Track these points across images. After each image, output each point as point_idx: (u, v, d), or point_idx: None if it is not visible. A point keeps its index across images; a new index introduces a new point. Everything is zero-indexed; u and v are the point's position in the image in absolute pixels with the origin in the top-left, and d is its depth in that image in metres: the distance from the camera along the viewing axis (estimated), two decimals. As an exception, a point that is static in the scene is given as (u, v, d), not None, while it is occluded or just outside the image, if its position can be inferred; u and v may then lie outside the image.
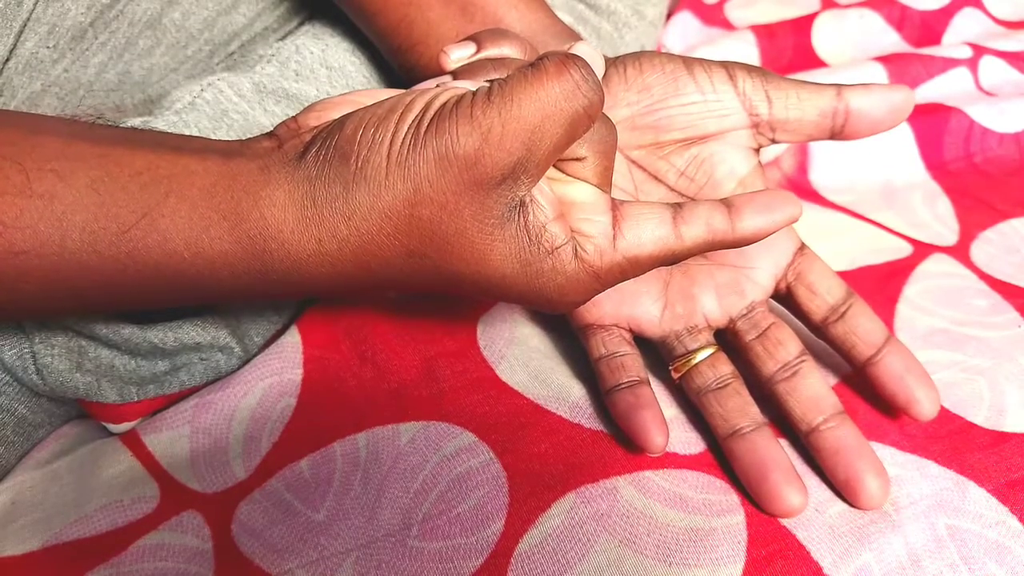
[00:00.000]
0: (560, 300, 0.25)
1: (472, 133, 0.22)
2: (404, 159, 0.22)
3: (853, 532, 0.27)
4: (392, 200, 0.23)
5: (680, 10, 0.59)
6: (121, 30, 0.36)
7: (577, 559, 0.26)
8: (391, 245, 0.23)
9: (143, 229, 0.22)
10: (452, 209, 0.23)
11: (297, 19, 0.43)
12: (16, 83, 0.33)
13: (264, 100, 0.36)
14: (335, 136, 0.23)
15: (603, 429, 0.30)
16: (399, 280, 0.25)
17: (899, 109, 0.29)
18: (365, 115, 0.23)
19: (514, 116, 0.22)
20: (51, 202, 0.22)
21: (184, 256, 0.23)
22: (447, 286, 0.25)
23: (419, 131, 0.22)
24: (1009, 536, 0.27)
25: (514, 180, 0.23)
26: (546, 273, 0.24)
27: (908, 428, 0.30)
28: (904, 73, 0.49)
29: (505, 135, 0.22)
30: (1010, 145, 0.46)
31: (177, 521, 0.28)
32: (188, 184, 0.23)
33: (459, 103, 0.22)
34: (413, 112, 0.23)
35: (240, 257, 0.23)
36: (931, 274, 0.38)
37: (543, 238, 0.24)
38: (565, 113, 0.22)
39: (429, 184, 0.22)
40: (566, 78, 0.22)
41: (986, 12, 0.58)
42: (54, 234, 0.22)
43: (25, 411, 0.31)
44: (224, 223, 0.23)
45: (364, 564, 0.27)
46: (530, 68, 0.22)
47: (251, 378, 0.32)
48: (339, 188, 0.23)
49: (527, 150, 0.22)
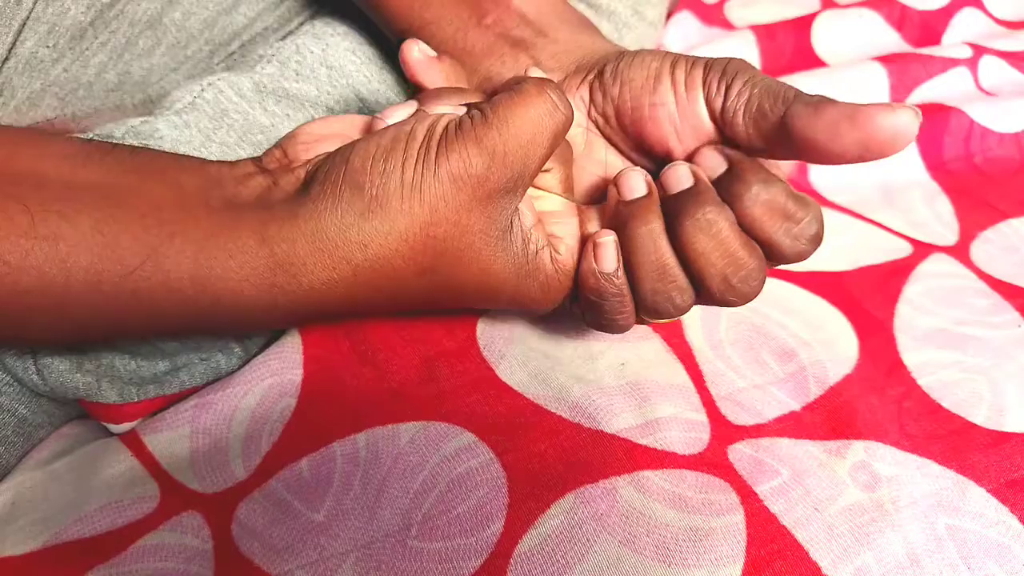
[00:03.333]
0: (543, 298, 0.28)
1: (481, 154, 0.24)
2: (419, 184, 0.24)
3: (852, 532, 0.27)
4: (409, 223, 0.24)
5: (680, 10, 0.59)
6: (121, 30, 0.36)
7: (577, 559, 0.26)
8: (406, 266, 0.25)
9: (148, 270, 0.23)
10: (464, 225, 0.25)
11: (298, 19, 0.43)
12: (16, 83, 0.33)
13: (264, 100, 0.36)
14: (341, 169, 0.25)
15: (603, 429, 0.30)
16: (408, 298, 0.27)
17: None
18: (369, 146, 0.25)
19: (512, 135, 0.24)
20: (56, 244, 0.22)
21: (189, 294, 0.24)
22: (450, 298, 0.27)
23: (429, 156, 0.24)
24: (1009, 536, 0.27)
25: (513, 192, 0.25)
26: (531, 274, 0.27)
27: (908, 428, 0.30)
28: (904, 73, 0.50)
29: (507, 152, 0.24)
30: (1010, 145, 0.46)
31: (177, 521, 0.28)
32: (193, 226, 0.24)
33: (460, 127, 0.24)
34: (417, 140, 0.25)
35: (247, 292, 0.24)
36: (931, 274, 0.38)
37: (530, 242, 0.27)
38: (549, 129, 0.25)
39: (445, 204, 0.24)
40: (545, 98, 0.25)
41: (986, 12, 0.58)
42: (59, 275, 0.22)
43: (25, 411, 0.31)
44: (231, 262, 0.24)
45: (364, 564, 0.27)
46: (513, 92, 0.25)
47: (251, 378, 0.32)
48: (352, 218, 0.24)
49: (523, 164, 0.25)
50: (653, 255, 0.26)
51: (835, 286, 0.37)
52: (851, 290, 0.36)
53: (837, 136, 0.24)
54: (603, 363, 0.32)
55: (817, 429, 0.30)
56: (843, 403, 0.31)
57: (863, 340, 0.34)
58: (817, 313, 0.35)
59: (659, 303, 0.27)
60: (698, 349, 0.33)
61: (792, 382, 0.32)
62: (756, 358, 0.33)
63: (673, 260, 0.26)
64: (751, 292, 0.26)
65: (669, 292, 0.26)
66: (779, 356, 0.33)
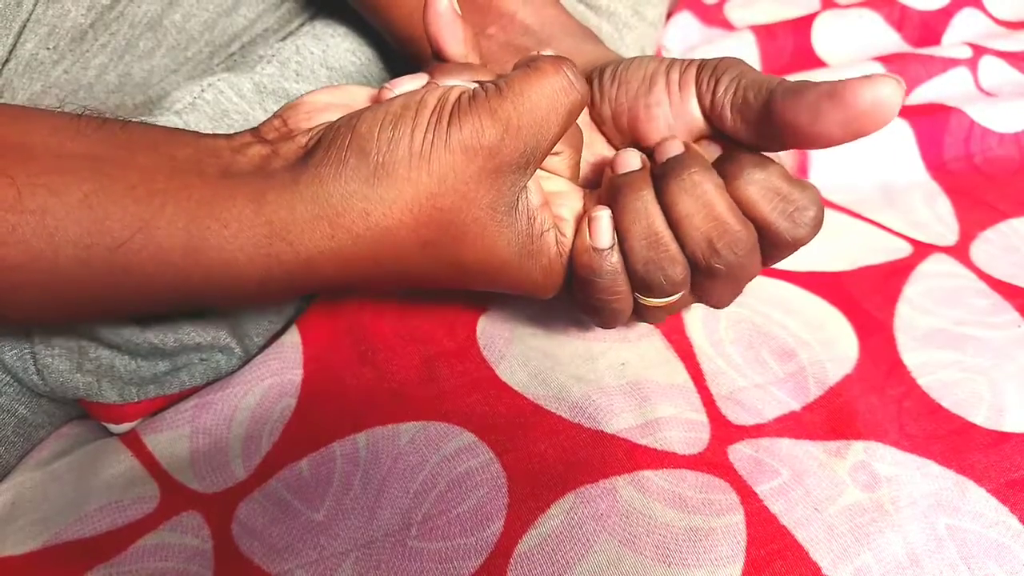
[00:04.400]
0: (544, 282, 0.27)
1: (495, 125, 0.23)
2: (428, 152, 0.23)
3: (852, 532, 0.27)
4: (415, 192, 0.23)
5: (680, 10, 0.59)
6: (121, 32, 0.36)
7: (576, 559, 0.26)
8: (409, 237, 0.24)
9: (138, 242, 0.22)
10: (472, 198, 0.24)
11: (298, 20, 0.43)
12: (16, 84, 0.33)
13: (264, 100, 0.36)
14: (347, 135, 0.24)
15: (603, 429, 0.30)
16: (408, 272, 0.26)
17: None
18: (379, 113, 0.24)
19: (527, 109, 0.24)
20: (43, 217, 0.21)
21: (180, 267, 0.23)
22: (451, 276, 0.26)
23: (441, 124, 0.23)
24: (1009, 536, 0.27)
25: (524, 168, 0.25)
26: (535, 255, 0.26)
27: (908, 428, 0.30)
28: (904, 73, 0.50)
29: (521, 126, 0.24)
30: (1010, 145, 0.46)
31: (177, 521, 0.28)
32: (185, 196, 0.23)
33: (474, 98, 0.24)
34: (429, 108, 0.24)
35: (240, 263, 0.23)
36: (931, 274, 0.38)
37: (535, 222, 0.26)
38: (564, 106, 0.24)
39: (454, 174, 0.23)
40: (562, 75, 0.24)
41: (986, 12, 0.58)
42: (47, 249, 0.22)
43: (25, 412, 0.31)
44: (225, 231, 0.23)
45: (364, 564, 0.27)
46: (528, 68, 0.24)
47: (251, 378, 0.32)
48: (357, 185, 0.23)
49: (536, 140, 0.24)
50: (644, 222, 0.25)
51: (835, 286, 0.37)
52: (851, 290, 0.36)
53: (819, 116, 0.23)
54: (603, 363, 0.32)
55: (817, 429, 0.30)
56: (843, 403, 0.31)
57: (863, 340, 0.34)
58: (817, 313, 0.35)
59: (651, 274, 0.26)
60: (699, 348, 0.33)
61: (792, 382, 0.32)
62: (756, 357, 0.33)
63: (665, 228, 0.26)
64: (738, 262, 0.25)
65: (661, 262, 0.26)
66: (779, 356, 0.33)
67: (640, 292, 0.27)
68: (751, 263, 0.26)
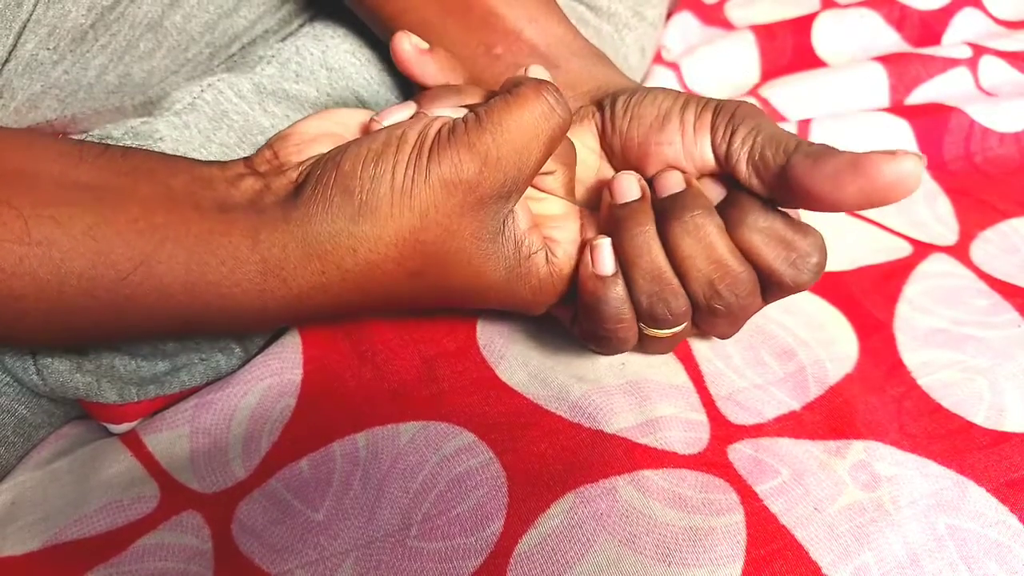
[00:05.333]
0: (534, 300, 0.28)
1: (473, 159, 0.24)
2: (409, 188, 0.24)
3: (852, 531, 0.27)
4: (398, 228, 0.24)
5: (680, 10, 0.59)
6: (122, 32, 0.36)
7: (576, 559, 0.26)
8: (395, 270, 0.25)
9: (140, 275, 0.23)
10: (454, 230, 0.24)
11: (298, 21, 0.43)
12: (16, 85, 0.33)
13: (264, 101, 0.36)
14: (331, 173, 0.24)
15: (603, 429, 0.30)
16: (396, 300, 0.27)
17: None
18: (360, 150, 0.24)
19: (506, 140, 0.24)
20: (49, 249, 0.22)
21: (181, 299, 0.24)
22: (439, 299, 0.27)
23: (421, 161, 0.24)
24: (1009, 536, 0.27)
25: (506, 197, 0.25)
26: (523, 276, 0.27)
27: (908, 428, 0.30)
28: (904, 73, 0.50)
29: (500, 157, 0.24)
30: (1010, 145, 0.46)
31: (177, 521, 0.28)
32: (184, 231, 0.24)
33: (453, 131, 0.24)
34: (409, 144, 0.24)
35: (237, 298, 0.24)
36: (931, 274, 0.38)
37: (522, 246, 0.26)
38: (545, 132, 0.24)
39: (435, 209, 0.24)
40: (542, 101, 0.24)
41: (986, 12, 0.58)
42: (52, 280, 0.22)
43: (25, 412, 0.31)
44: (222, 268, 0.24)
45: (363, 564, 0.27)
46: (509, 95, 0.24)
47: (251, 378, 0.32)
48: (343, 223, 0.24)
49: (517, 169, 0.24)
50: (647, 257, 0.26)
51: (835, 286, 0.37)
52: (851, 290, 0.36)
53: (839, 186, 0.23)
54: (603, 363, 0.32)
55: (817, 429, 0.30)
56: (843, 403, 0.31)
57: (863, 340, 0.34)
58: (817, 313, 0.35)
59: (655, 306, 0.26)
60: (698, 349, 0.33)
61: (792, 382, 0.32)
62: (756, 358, 0.33)
63: (667, 265, 0.26)
64: (738, 304, 0.26)
65: (664, 295, 0.26)
66: (779, 356, 0.33)
67: (645, 323, 0.27)
68: (752, 303, 0.27)
